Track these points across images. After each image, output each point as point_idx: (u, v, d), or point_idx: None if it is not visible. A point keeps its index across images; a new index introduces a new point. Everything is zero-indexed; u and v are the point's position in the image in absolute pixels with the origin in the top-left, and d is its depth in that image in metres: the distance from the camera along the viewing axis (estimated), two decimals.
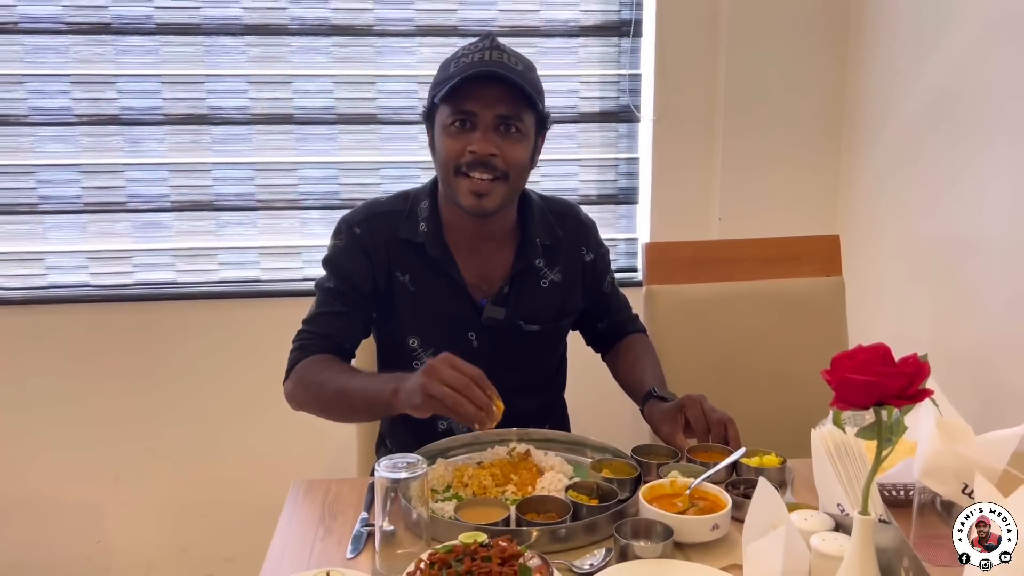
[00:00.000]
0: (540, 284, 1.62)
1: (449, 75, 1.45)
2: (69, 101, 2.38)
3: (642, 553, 1.14)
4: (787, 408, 1.83)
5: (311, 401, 1.50)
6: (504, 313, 1.58)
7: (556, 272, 1.63)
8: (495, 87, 1.43)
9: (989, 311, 2.00)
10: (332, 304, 1.56)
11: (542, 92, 1.51)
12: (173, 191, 2.47)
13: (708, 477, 1.31)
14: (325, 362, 1.51)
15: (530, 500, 1.28)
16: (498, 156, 1.45)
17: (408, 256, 1.56)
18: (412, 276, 1.56)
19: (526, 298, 1.60)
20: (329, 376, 1.48)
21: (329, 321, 1.55)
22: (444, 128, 1.47)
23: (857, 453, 1.14)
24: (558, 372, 1.77)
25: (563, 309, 1.66)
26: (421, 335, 1.59)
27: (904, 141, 2.31)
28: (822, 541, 1.04)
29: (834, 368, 0.97)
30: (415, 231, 1.55)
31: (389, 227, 1.56)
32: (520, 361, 1.63)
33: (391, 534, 1.19)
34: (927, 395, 0.94)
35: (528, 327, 1.61)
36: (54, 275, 2.46)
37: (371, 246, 1.55)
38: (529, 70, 1.48)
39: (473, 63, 1.44)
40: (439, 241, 1.55)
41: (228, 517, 2.54)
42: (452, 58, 1.49)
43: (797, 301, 2.09)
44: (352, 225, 1.57)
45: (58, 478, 2.52)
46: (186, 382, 2.51)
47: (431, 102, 1.51)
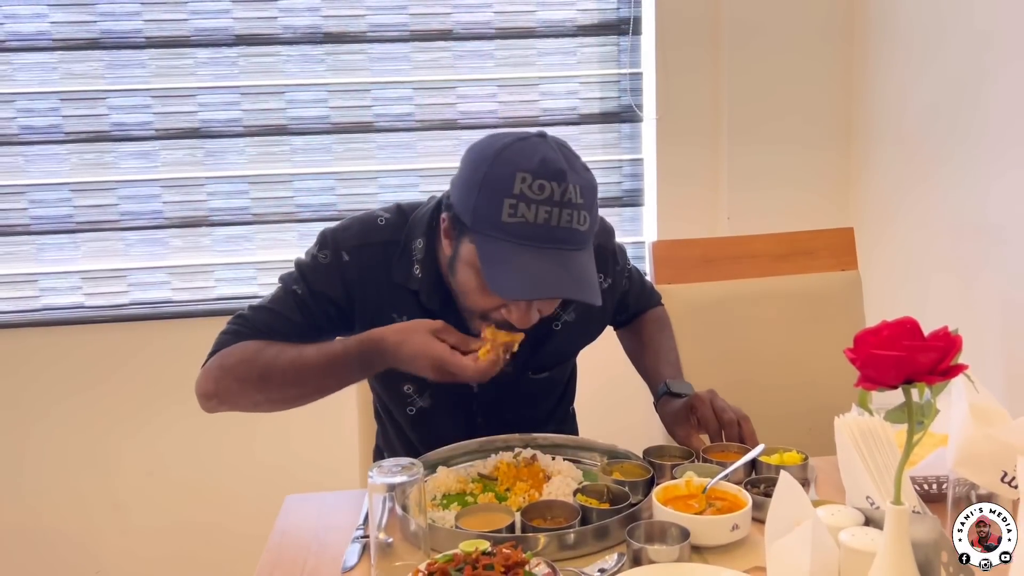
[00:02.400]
0: (552, 328, 1.43)
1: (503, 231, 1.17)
2: (59, 119, 2.35)
3: (657, 557, 1.06)
4: (806, 409, 1.75)
5: (237, 383, 1.31)
6: (512, 367, 1.36)
7: (570, 312, 1.44)
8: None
9: (1013, 301, 1.92)
10: (289, 308, 1.36)
11: (597, 222, 1.27)
12: (167, 207, 2.42)
13: (725, 476, 1.22)
14: (253, 342, 1.33)
15: (536, 505, 1.20)
16: (536, 319, 1.27)
17: (403, 297, 1.36)
18: (408, 318, 1.33)
19: (537, 347, 1.41)
20: (260, 348, 1.31)
21: (277, 323, 1.35)
22: (477, 273, 1.22)
23: (885, 440, 1.06)
24: (566, 391, 1.64)
25: (576, 347, 1.54)
26: (414, 382, 1.42)
27: (917, 130, 2.24)
28: (852, 536, 0.96)
29: (858, 345, 0.89)
30: (408, 276, 1.35)
31: (383, 264, 1.36)
32: (524, 405, 1.51)
33: (388, 545, 1.11)
34: (961, 370, 0.87)
35: (537, 375, 1.48)
36: (48, 297, 2.41)
37: (357, 282, 1.36)
38: (592, 210, 1.22)
39: (537, 232, 1.17)
40: (436, 292, 1.35)
41: (231, 543, 2.45)
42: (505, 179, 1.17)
43: (812, 297, 2.01)
44: (341, 248, 1.37)
45: (56, 506, 2.46)
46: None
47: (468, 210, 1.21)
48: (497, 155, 1.19)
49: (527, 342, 1.30)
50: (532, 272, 1.17)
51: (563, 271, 1.19)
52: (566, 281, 1.19)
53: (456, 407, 1.46)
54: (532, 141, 1.21)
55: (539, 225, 1.16)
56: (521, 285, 1.18)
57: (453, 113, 2.47)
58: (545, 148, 1.20)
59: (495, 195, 1.17)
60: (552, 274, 1.18)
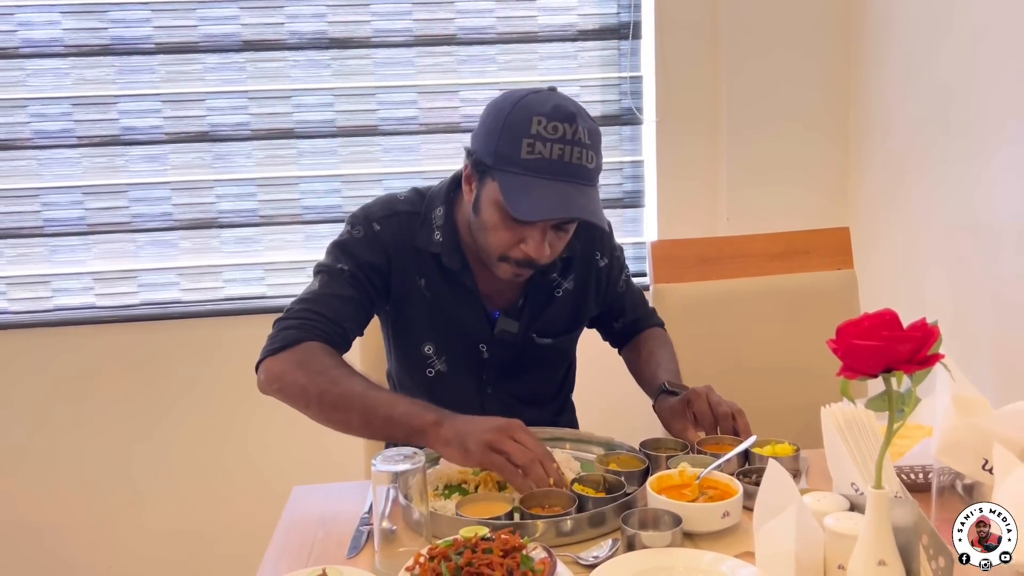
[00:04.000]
0: (554, 294, 1.57)
1: (522, 151, 1.31)
2: (71, 123, 2.40)
3: (650, 542, 1.10)
4: (802, 405, 1.76)
5: (308, 392, 1.34)
6: (518, 327, 1.54)
7: (570, 280, 1.58)
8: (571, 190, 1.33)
9: (1007, 300, 1.95)
10: (342, 286, 1.44)
11: (601, 165, 1.40)
12: (176, 209, 2.47)
13: (718, 466, 1.26)
14: (334, 355, 1.39)
15: (534, 494, 1.23)
16: (549, 254, 1.39)
17: (425, 261, 1.50)
18: (428, 282, 1.50)
19: (540, 310, 1.56)
20: (343, 373, 1.35)
21: (337, 304, 1.43)
22: (498, 208, 1.36)
23: (870, 429, 1.10)
24: (567, 378, 1.74)
25: (576, 319, 1.62)
26: (435, 342, 1.54)
27: (913, 131, 2.27)
28: (836, 521, 1.00)
29: (839, 336, 0.93)
30: (429, 240, 1.48)
31: (408, 229, 1.49)
32: (530, 373, 1.59)
33: (391, 533, 1.15)
34: (937, 359, 0.90)
35: (541, 340, 1.57)
36: (60, 297, 2.46)
37: (391, 245, 1.48)
38: (598, 151, 1.37)
39: (554, 163, 1.31)
40: (456, 253, 1.49)
41: (241, 540, 2.49)
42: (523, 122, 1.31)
43: (808, 295, 2.05)
44: (371, 220, 1.49)
45: (68, 503, 2.50)
46: (195, 402, 2.49)
47: (493, 156, 1.34)
48: (515, 104, 1.35)
49: (531, 303, 1.52)
50: (548, 197, 1.31)
51: (575, 199, 1.33)
52: (576, 206, 1.33)
53: (469, 372, 1.55)
54: (545, 92, 1.37)
55: (554, 160, 1.31)
56: (540, 207, 1.32)
57: (456, 116, 2.51)
58: (557, 97, 1.36)
59: (514, 137, 1.32)
60: (565, 201, 1.33)
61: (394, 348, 1.62)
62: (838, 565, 1.00)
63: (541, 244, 1.37)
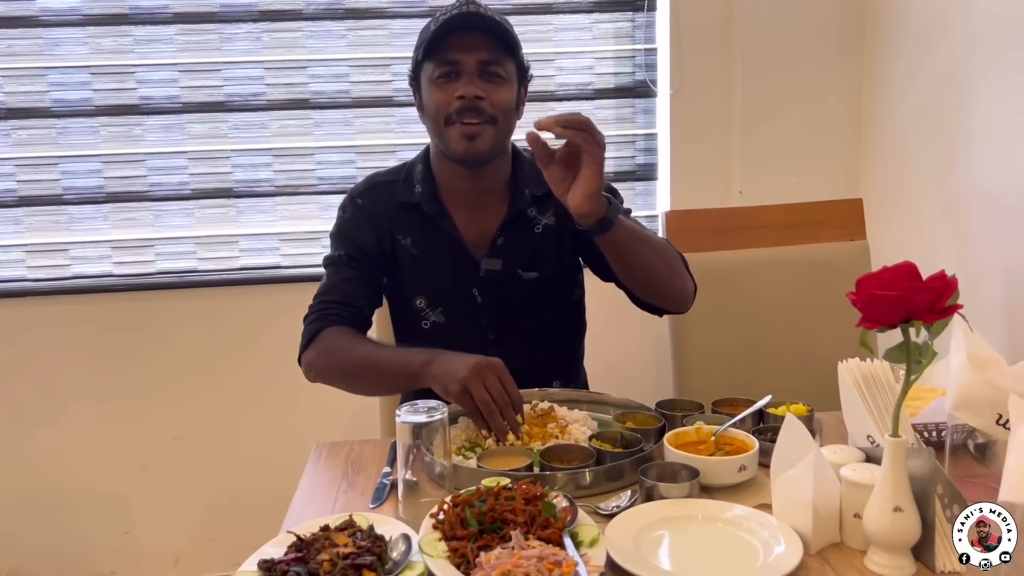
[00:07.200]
0: (534, 230, 1.62)
1: (429, 33, 1.51)
2: (90, 92, 2.41)
3: (668, 493, 1.13)
4: (815, 375, 1.79)
5: (335, 370, 1.51)
6: (500, 264, 1.59)
7: (549, 215, 1.63)
8: (475, 35, 1.48)
9: (1018, 271, 1.96)
10: (345, 272, 1.60)
11: (519, 43, 1.56)
12: (193, 179, 2.48)
13: (734, 423, 1.28)
14: (349, 333, 1.54)
15: (554, 449, 1.26)
16: (485, 99, 1.48)
17: (408, 219, 1.60)
18: (413, 239, 1.60)
19: (520, 246, 1.61)
20: (354, 344, 1.51)
21: (345, 287, 1.59)
22: (431, 82, 1.51)
23: (886, 383, 1.12)
24: (571, 321, 1.74)
25: (560, 252, 1.64)
26: (427, 295, 1.62)
27: (926, 102, 2.27)
28: (852, 471, 1.02)
29: (860, 287, 0.95)
30: (411, 193, 1.60)
31: (389, 194, 1.62)
32: (526, 311, 1.63)
33: (414, 484, 1.17)
34: (956, 309, 0.92)
35: (527, 275, 1.61)
36: (78, 266, 2.48)
37: (374, 214, 1.61)
38: (505, 22, 1.53)
39: (451, 18, 1.48)
40: (435, 199, 1.59)
41: (257, 505, 2.52)
42: (431, 20, 1.54)
43: (821, 266, 2.06)
44: (355, 197, 1.64)
45: (85, 468, 2.53)
46: (210, 369, 2.52)
47: (415, 63, 1.56)
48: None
49: (509, 239, 1.59)
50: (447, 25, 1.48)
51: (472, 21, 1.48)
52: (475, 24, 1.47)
53: (467, 320, 1.61)
54: None
55: (452, 17, 1.47)
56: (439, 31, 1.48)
57: None
58: None
59: (423, 31, 1.54)
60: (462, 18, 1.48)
61: (392, 309, 1.71)
62: (854, 514, 1.02)
63: (469, 84, 1.47)
